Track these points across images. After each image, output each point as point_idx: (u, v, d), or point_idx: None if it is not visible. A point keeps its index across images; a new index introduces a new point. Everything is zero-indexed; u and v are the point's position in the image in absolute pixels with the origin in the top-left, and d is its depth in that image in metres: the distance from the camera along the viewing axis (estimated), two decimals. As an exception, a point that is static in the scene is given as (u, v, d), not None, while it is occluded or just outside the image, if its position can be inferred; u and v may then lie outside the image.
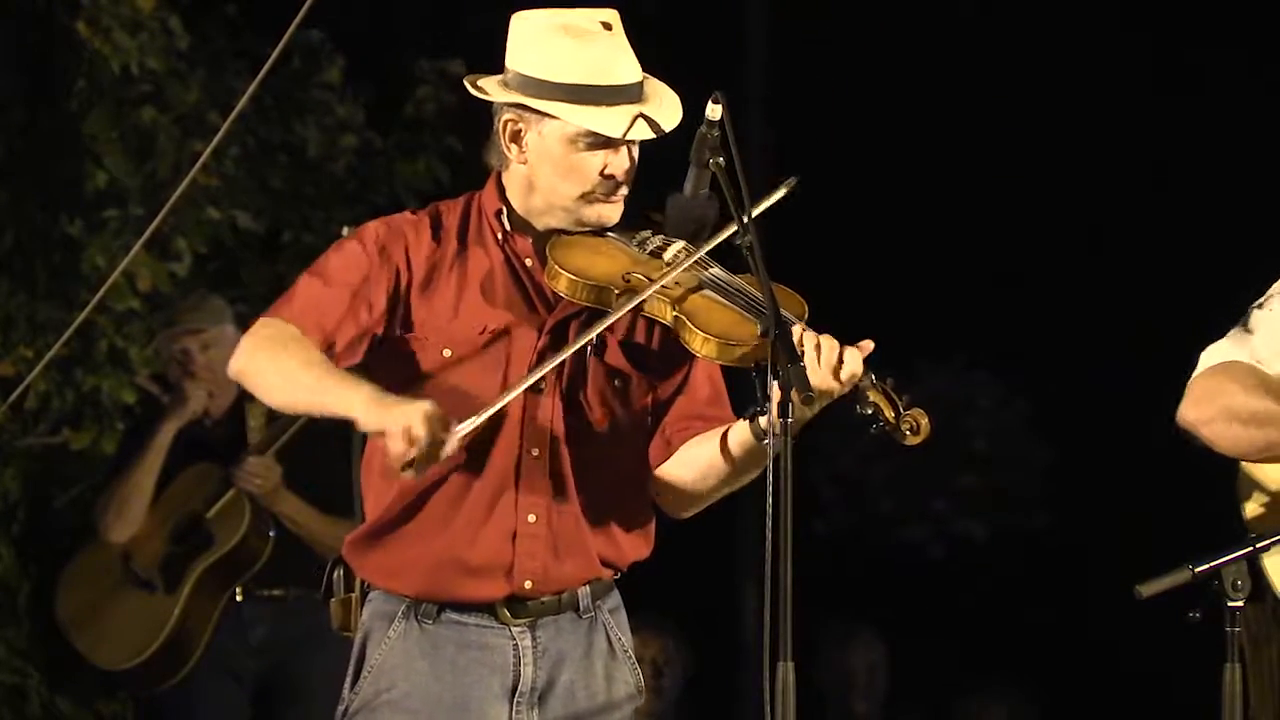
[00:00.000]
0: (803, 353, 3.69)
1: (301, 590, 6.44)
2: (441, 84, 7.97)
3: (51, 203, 7.44)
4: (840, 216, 9.62)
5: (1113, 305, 9.71)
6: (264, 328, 3.83)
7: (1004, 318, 9.77)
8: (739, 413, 3.91)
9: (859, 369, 3.72)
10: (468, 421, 3.71)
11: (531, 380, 3.80)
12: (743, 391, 3.84)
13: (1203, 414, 4.43)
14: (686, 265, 3.82)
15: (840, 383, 3.72)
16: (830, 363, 3.71)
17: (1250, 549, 4.08)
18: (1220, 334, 4.57)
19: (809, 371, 3.68)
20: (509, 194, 3.92)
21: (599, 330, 3.81)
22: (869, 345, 3.76)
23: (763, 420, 3.75)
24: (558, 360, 3.80)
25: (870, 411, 3.73)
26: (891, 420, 3.73)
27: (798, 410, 3.66)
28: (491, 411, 3.75)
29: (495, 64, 3.92)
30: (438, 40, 8.19)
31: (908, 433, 3.73)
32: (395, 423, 3.62)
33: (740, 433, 3.86)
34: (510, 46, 3.90)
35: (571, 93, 3.81)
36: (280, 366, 3.78)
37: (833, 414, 3.83)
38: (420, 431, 3.61)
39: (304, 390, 3.75)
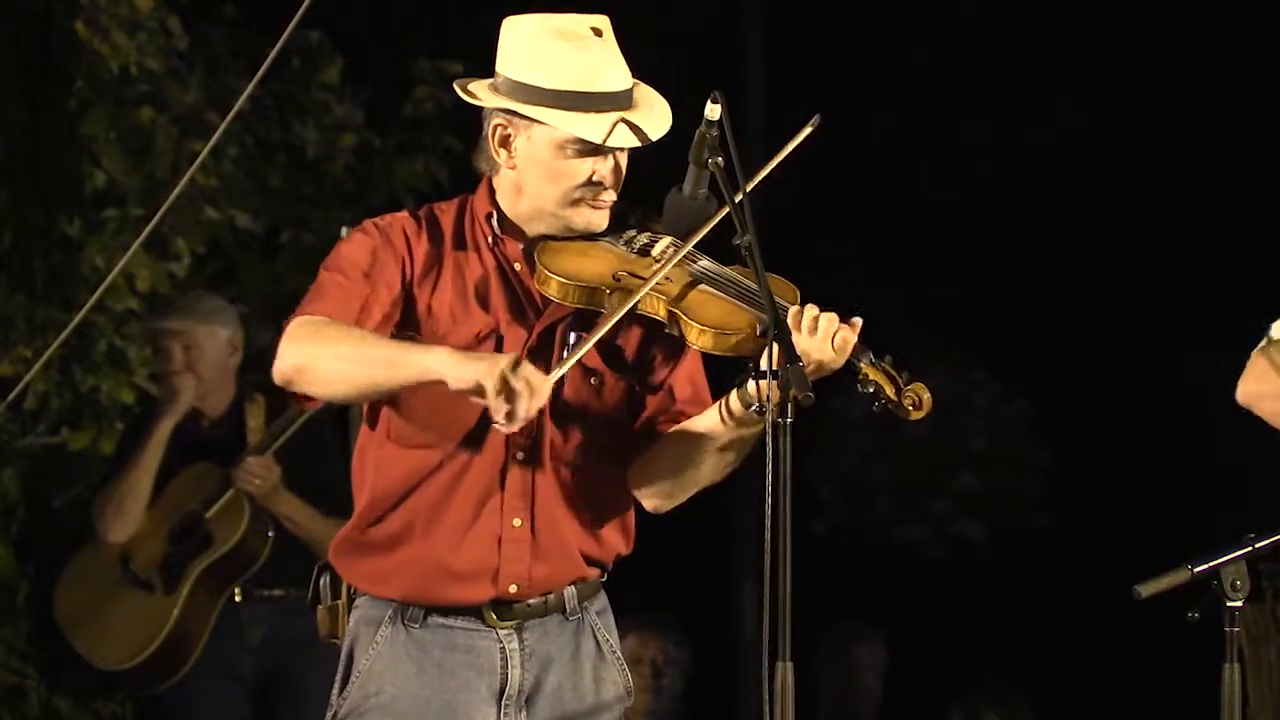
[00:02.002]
0: (799, 321, 3.71)
1: (300, 591, 6.41)
2: (440, 84, 7.97)
3: (50, 203, 7.43)
4: (840, 215, 9.63)
5: (1112, 305, 9.71)
6: (302, 326, 3.79)
7: (1003, 317, 9.77)
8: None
9: (852, 338, 3.74)
10: (556, 369, 3.74)
11: (587, 348, 3.79)
12: (730, 385, 3.85)
13: (1260, 390, 4.49)
14: (677, 259, 3.83)
15: (834, 350, 3.73)
16: (827, 331, 3.72)
17: (1249, 549, 4.08)
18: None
19: (805, 339, 3.70)
20: (499, 198, 3.93)
21: (617, 319, 3.79)
22: (858, 322, 3.76)
23: (750, 387, 3.76)
24: (595, 337, 3.79)
25: (871, 390, 3.74)
26: (893, 397, 3.73)
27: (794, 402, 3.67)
28: (576, 358, 3.76)
29: (494, 65, 3.93)
30: (437, 40, 8.19)
31: (910, 408, 3.73)
32: (490, 378, 3.61)
33: (726, 407, 3.85)
34: (501, 51, 3.90)
35: (560, 99, 3.82)
36: (340, 351, 3.74)
37: (831, 414, 3.83)
38: (517, 384, 3.60)
39: (377, 365, 3.72)
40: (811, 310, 3.74)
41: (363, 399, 3.88)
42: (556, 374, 3.74)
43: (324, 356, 3.75)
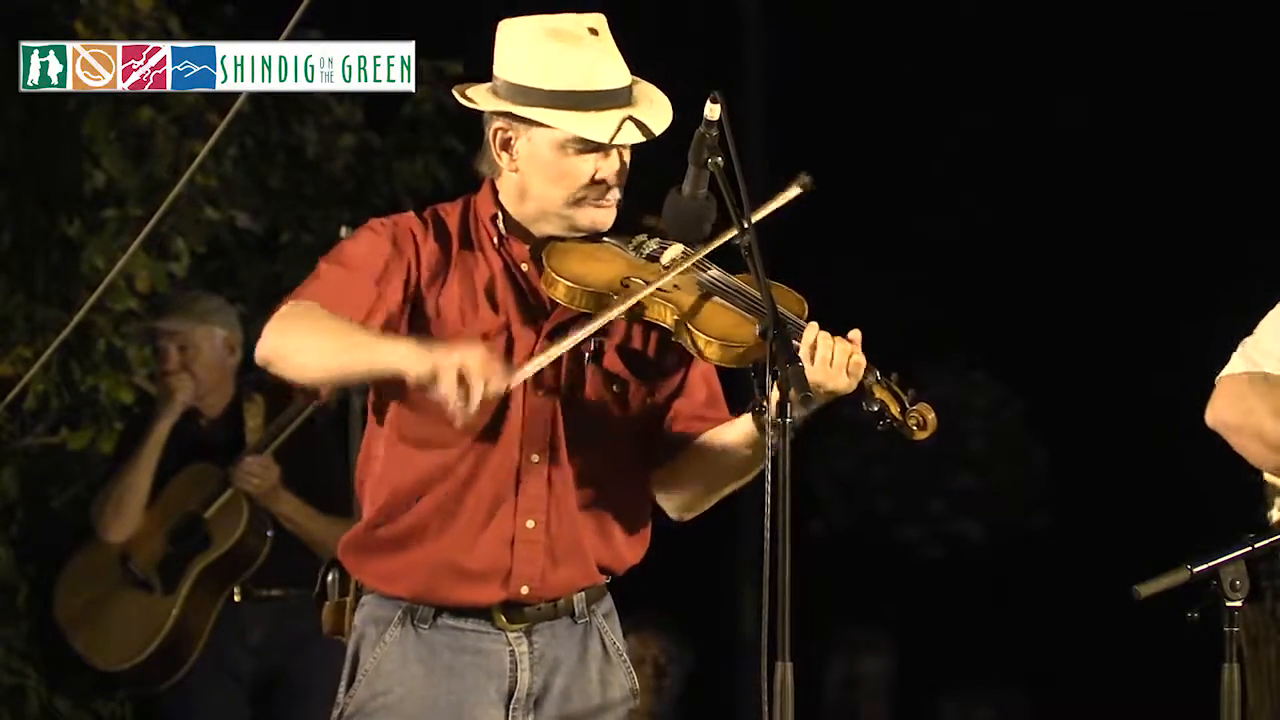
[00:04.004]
0: (813, 354, 3.70)
1: (300, 590, 6.43)
2: (440, 84, 7.96)
3: (50, 203, 7.43)
4: (840, 216, 9.62)
5: (1111, 306, 9.71)
6: (292, 309, 3.80)
7: (1002, 318, 9.77)
8: (736, 411, 3.91)
9: (863, 362, 3.74)
10: (520, 371, 3.74)
11: (571, 344, 3.78)
12: (741, 391, 3.84)
13: (1232, 422, 4.47)
14: (685, 268, 3.83)
15: (849, 377, 3.73)
16: (841, 362, 3.72)
17: (1249, 549, 4.08)
18: (1220, 335, 4.58)
19: (820, 371, 3.69)
20: (503, 200, 3.93)
21: (605, 321, 3.80)
22: (857, 334, 3.76)
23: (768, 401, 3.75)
24: (583, 335, 3.79)
25: (876, 408, 3.73)
26: (898, 416, 3.73)
27: (797, 408, 3.67)
28: (531, 370, 3.76)
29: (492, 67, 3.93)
30: (437, 40, 8.19)
31: (914, 428, 3.73)
32: (447, 362, 3.61)
33: (743, 427, 3.86)
34: (498, 54, 3.90)
35: (559, 99, 3.82)
36: (313, 337, 3.74)
37: (831, 415, 3.83)
38: (473, 368, 3.60)
39: (342, 353, 3.72)
40: (825, 344, 3.73)
41: (333, 385, 3.91)
42: (525, 371, 3.74)
43: (300, 341, 3.76)
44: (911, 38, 9.86)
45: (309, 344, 3.75)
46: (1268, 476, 4.55)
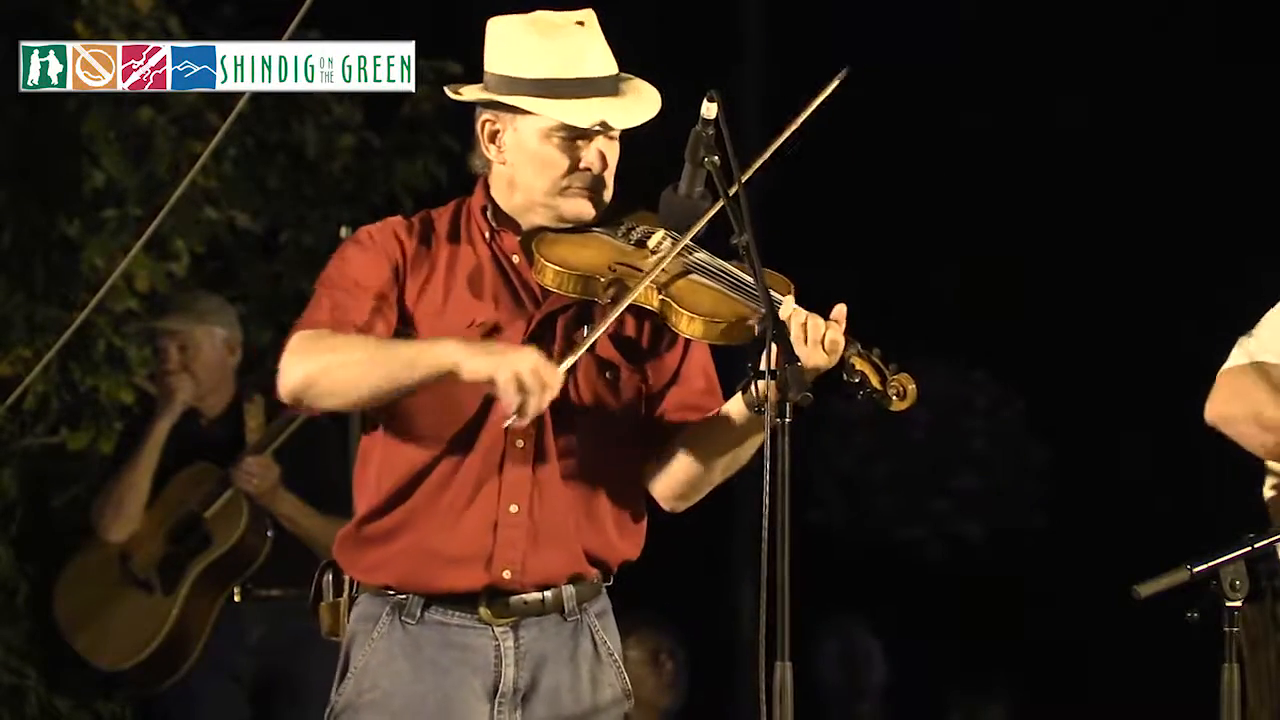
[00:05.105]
0: (791, 331, 3.71)
1: (300, 590, 6.41)
2: (440, 84, 7.95)
3: (49, 203, 7.43)
4: (840, 215, 9.62)
5: (1111, 306, 9.72)
6: (304, 339, 3.81)
7: (1003, 318, 9.77)
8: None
9: (841, 338, 3.74)
10: (566, 360, 3.75)
11: (596, 337, 3.80)
12: (736, 381, 3.85)
13: (1232, 413, 4.50)
14: (678, 250, 3.83)
15: (826, 354, 3.73)
16: (816, 338, 3.72)
17: (1249, 549, 4.08)
18: (1220, 335, 4.59)
19: (796, 347, 3.70)
20: (493, 193, 3.96)
21: (614, 317, 3.80)
22: (842, 310, 3.76)
23: (759, 385, 3.75)
24: (602, 328, 3.80)
25: (857, 379, 3.75)
26: (878, 386, 3.74)
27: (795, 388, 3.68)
28: (585, 346, 3.78)
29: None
30: (436, 40, 8.18)
31: (894, 397, 3.75)
32: (504, 372, 3.65)
33: (734, 407, 3.86)
34: (487, 50, 3.94)
35: (540, 87, 3.85)
36: (350, 357, 3.76)
37: (831, 414, 3.83)
38: (530, 380, 3.64)
39: (390, 364, 3.74)
40: (799, 317, 3.74)
41: (377, 403, 3.84)
42: (565, 365, 3.75)
43: (333, 365, 3.77)
44: (912, 38, 9.86)
45: (345, 363, 3.77)
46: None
